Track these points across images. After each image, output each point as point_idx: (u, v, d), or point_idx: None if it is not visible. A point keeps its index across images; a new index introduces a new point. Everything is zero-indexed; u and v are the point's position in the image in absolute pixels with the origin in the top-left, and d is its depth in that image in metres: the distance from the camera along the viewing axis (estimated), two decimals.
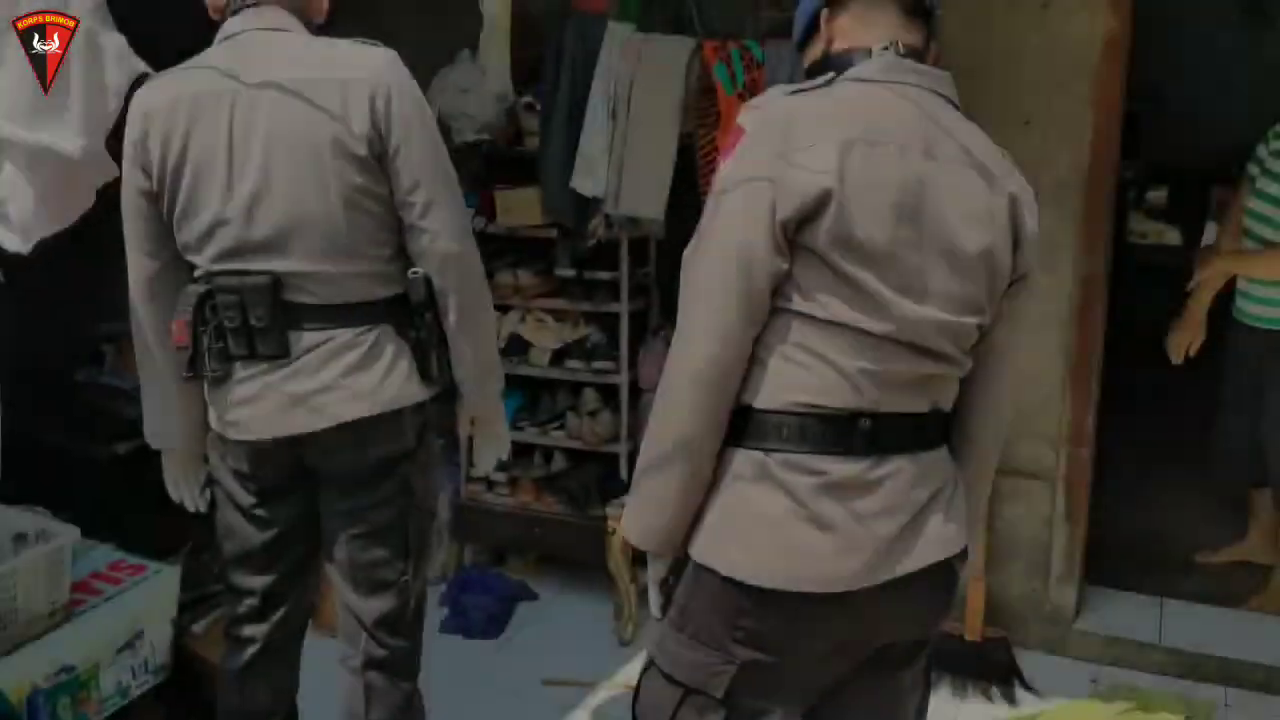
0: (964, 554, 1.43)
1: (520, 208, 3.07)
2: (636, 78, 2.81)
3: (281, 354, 1.76)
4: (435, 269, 1.79)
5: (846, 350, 1.30)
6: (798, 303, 1.30)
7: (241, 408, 1.79)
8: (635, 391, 3.09)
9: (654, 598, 1.45)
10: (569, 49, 2.89)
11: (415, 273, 1.80)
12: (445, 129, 3.07)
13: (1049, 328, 2.74)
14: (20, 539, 2.18)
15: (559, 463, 3.27)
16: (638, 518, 1.40)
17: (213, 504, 1.96)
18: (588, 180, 2.84)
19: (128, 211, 1.82)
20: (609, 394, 3.18)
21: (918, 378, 1.35)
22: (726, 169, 1.32)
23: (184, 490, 2.02)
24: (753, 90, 2.69)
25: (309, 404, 1.77)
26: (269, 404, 1.78)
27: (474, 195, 3.20)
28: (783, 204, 1.26)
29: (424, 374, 1.84)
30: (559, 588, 3.28)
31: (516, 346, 3.17)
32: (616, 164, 2.82)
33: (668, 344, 1.41)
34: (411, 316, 1.82)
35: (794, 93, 1.35)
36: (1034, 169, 2.66)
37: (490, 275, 3.11)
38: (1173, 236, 5.63)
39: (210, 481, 1.95)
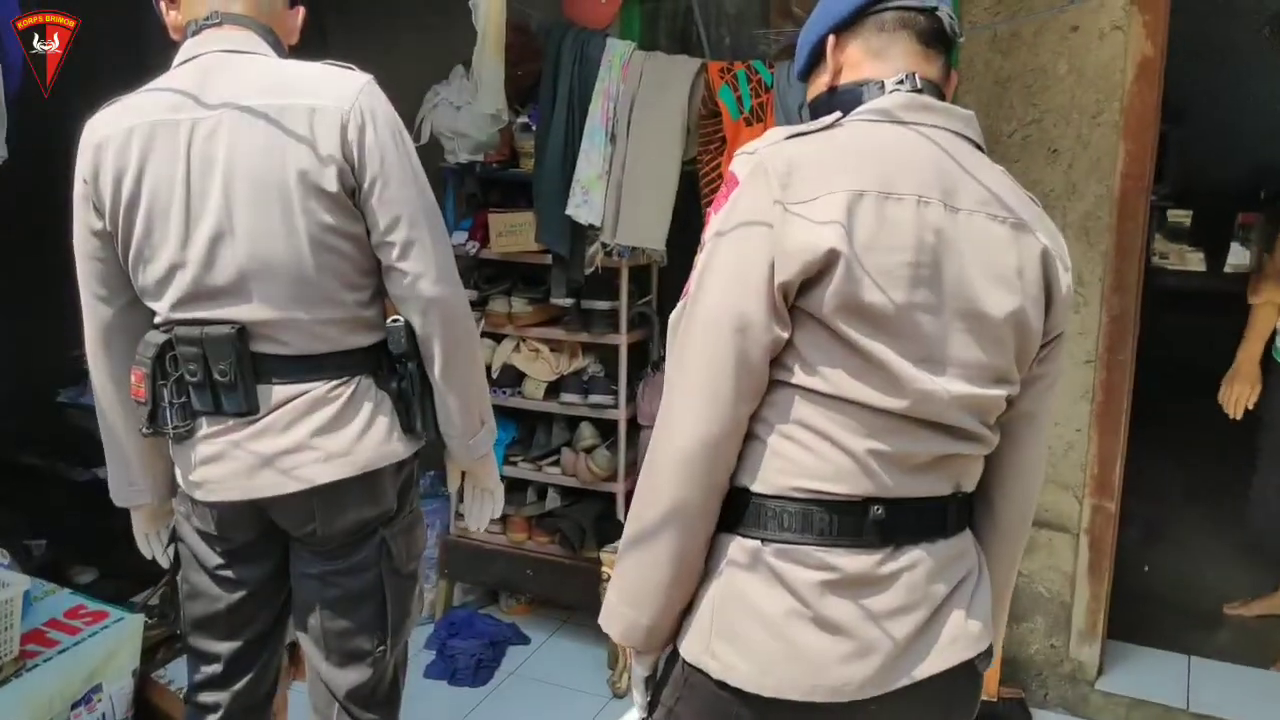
0: (988, 653, 1.27)
1: (516, 232, 2.93)
2: (637, 98, 2.66)
3: (250, 410, 1.62)
4: (417, 314, 1.64)
5: (855, 429, 1.15)
6: (799, 375, 1.15)
7: (206, 467, 1.66)
8: (634, 427, 2.95)
9: (638, 697, 1.30)
10: (566, 66, 2.74)
11: (395, 321, 1.65)
12: (438, 148, 2.94)
13: (1074, 368, 2.59)
14: None
15: (553, 499, 3.13)
16: (620, 609, 1.25)
17: (177, 560, 1.82)
18: (584, 207, 2.69)
19: (80, 253, 1.68)
20: (606, 429, 3.04)
21: (937, 458, 1.20)
22: (716, 222, 1.17)
23: (154, 546, 1.91)
24: (760, 115, 2.54)
25: (277, 465, 1.63)
26: (235, 464, 1.64)
27: (468, 219, 3.07)
28: (782, 264, 1.11)
29: (407, 428, 1.70)
30: (551, 631, 3.15)
31: (510, 378, 3.04)
32: (615, 190, 2.67)
33: None
34: (393, 365, 1.68)
35: (794, 135, 1.19)
36: (1061, 200, 2.56)
37: (484, 302, 3.01)
38: (1195, 260, 5.54)
39: (174, 538, 1.82)
